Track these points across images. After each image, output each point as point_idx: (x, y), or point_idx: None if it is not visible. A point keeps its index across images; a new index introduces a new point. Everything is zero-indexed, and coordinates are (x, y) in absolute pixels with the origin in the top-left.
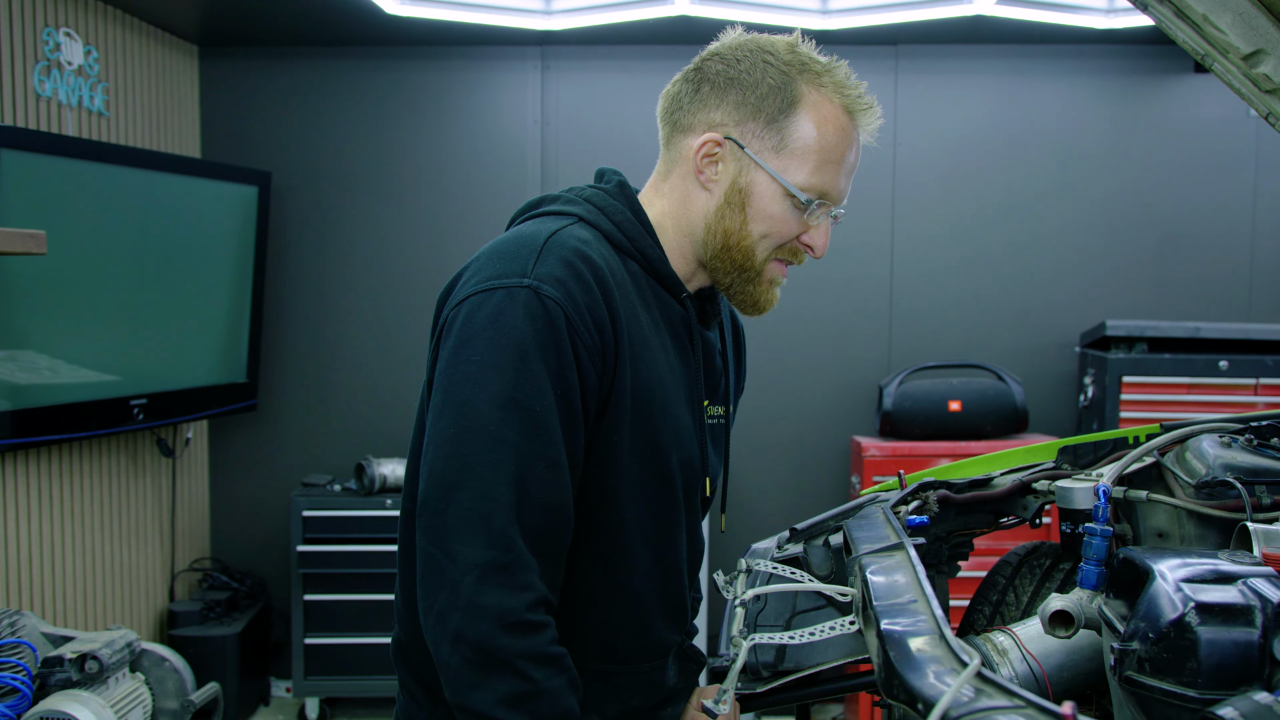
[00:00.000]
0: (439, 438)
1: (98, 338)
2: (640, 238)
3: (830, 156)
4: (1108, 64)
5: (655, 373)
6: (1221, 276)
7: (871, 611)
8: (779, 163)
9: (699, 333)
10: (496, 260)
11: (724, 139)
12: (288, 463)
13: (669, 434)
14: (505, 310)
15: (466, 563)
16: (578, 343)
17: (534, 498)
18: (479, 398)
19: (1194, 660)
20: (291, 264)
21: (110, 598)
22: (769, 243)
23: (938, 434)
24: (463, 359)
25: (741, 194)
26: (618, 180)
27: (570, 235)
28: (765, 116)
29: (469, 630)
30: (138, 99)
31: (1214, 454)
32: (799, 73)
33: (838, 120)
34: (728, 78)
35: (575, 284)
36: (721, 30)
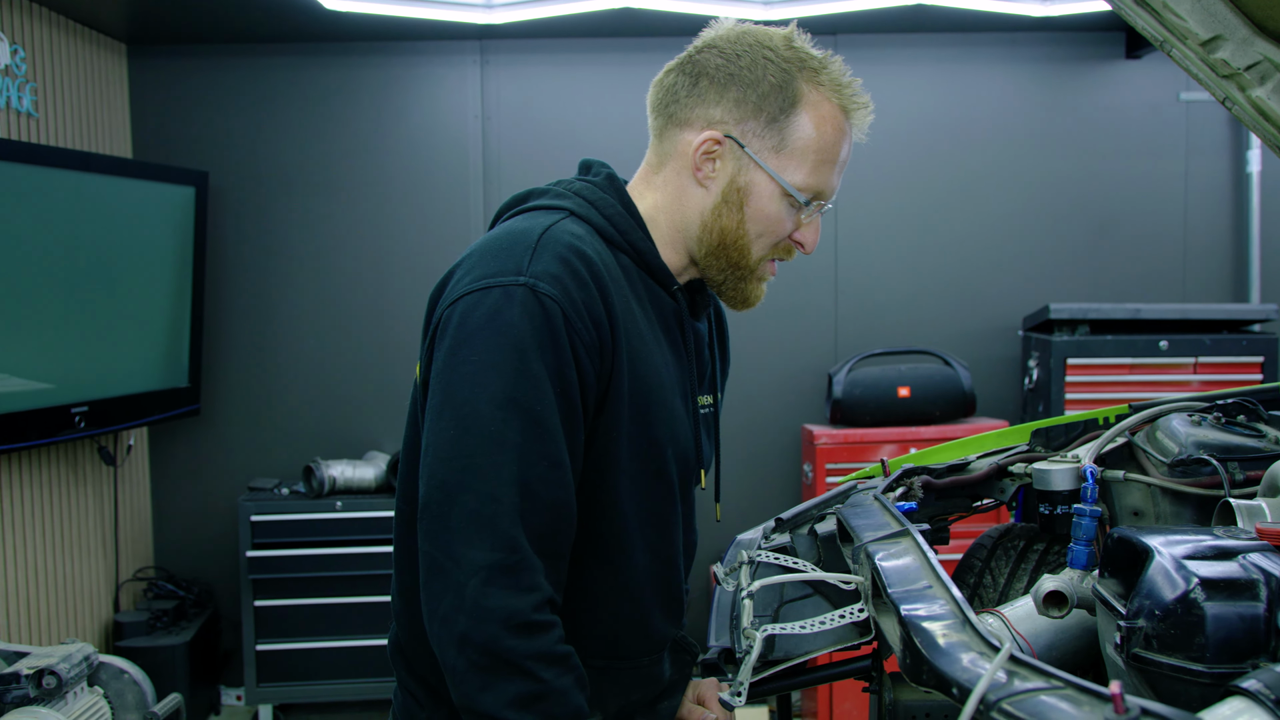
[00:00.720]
0: (439, 440)
1: (34, 345)
2: (631, 231)
3: (827, 156)
4: (1044, 51)
5: (651, 366)
6: (1158, 258)
7: (887, 598)
8: (778, 163)
9: (690, 325)
10: (490, 258)
11: (724, 137)
12: (233, 467)
13: (665, 427)
14: (502, 309)
15: (471, 565)
16: (576, 340)
17: (538, 498)
18: (479, 398)
19: (1201, 635)
20: (232, 265)
21: (54, 610)
22: (765, 241)
23: (888, 420)
24: (460, 359)
25: (740, 193)
26: (606, 173)
27: (563, 230)
28: (766, 116)
29: (475, 633)
30: (67, 99)
31: (1185, 432)
32: (799, 70)
33: (835, 120)
34: (728, 73)
35: (571, 280)
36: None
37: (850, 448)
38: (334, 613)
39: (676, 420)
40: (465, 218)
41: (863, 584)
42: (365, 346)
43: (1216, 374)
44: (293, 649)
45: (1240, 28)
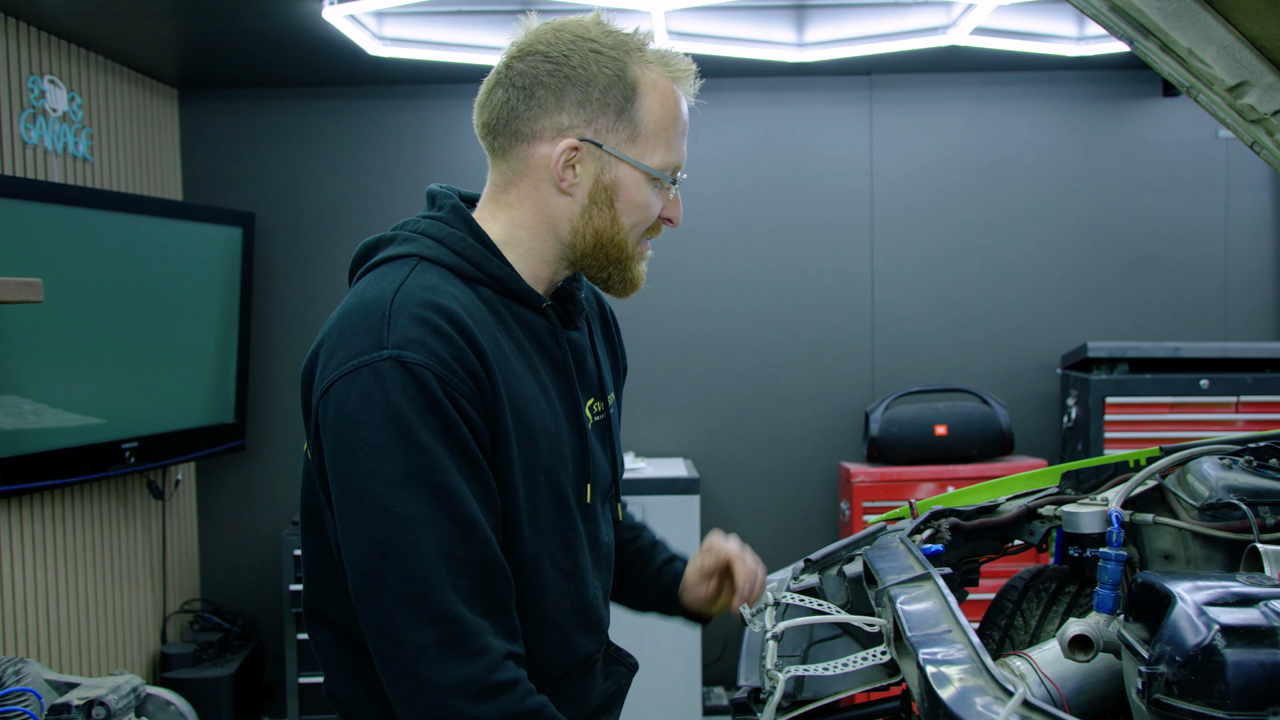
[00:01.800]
0: (350, 531)
1: (87, 382)
2: (486, 261)
3: (677, 130)
4: (1080, 90)
5: (529, 398)
6: (1198, 296)
7: (907, 642)
8: (637, 151)
9: (565, 339)
10: (349, 335)
11: (581, 141)
12: (277, 501)
13: (553, 454)
14: (373, 389)
15: (415, 646)
16: (456, 396)
17: (460, 562)
18: (376, 483)
19: (1222, 682)
20: (277, 303)
21: (104, 642)
22: (639, 229)
23: (925, 458)
24: (348, 448)
25: (608, 191)
26: (450, 204)
27: (415, 285)
28: (614, 109)
29: (439, 710)
30: (121, 143)
31: (1216, 476)
32: (626, 55)
33: (671, 92)
34: (562, 76)
35: (436, 339)
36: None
37: (887, 486)
38: None
39: (561, 440)
40: None
41: (886, 627)
42: None
43: (1259, 413)
44: None
45: (1266, 74)
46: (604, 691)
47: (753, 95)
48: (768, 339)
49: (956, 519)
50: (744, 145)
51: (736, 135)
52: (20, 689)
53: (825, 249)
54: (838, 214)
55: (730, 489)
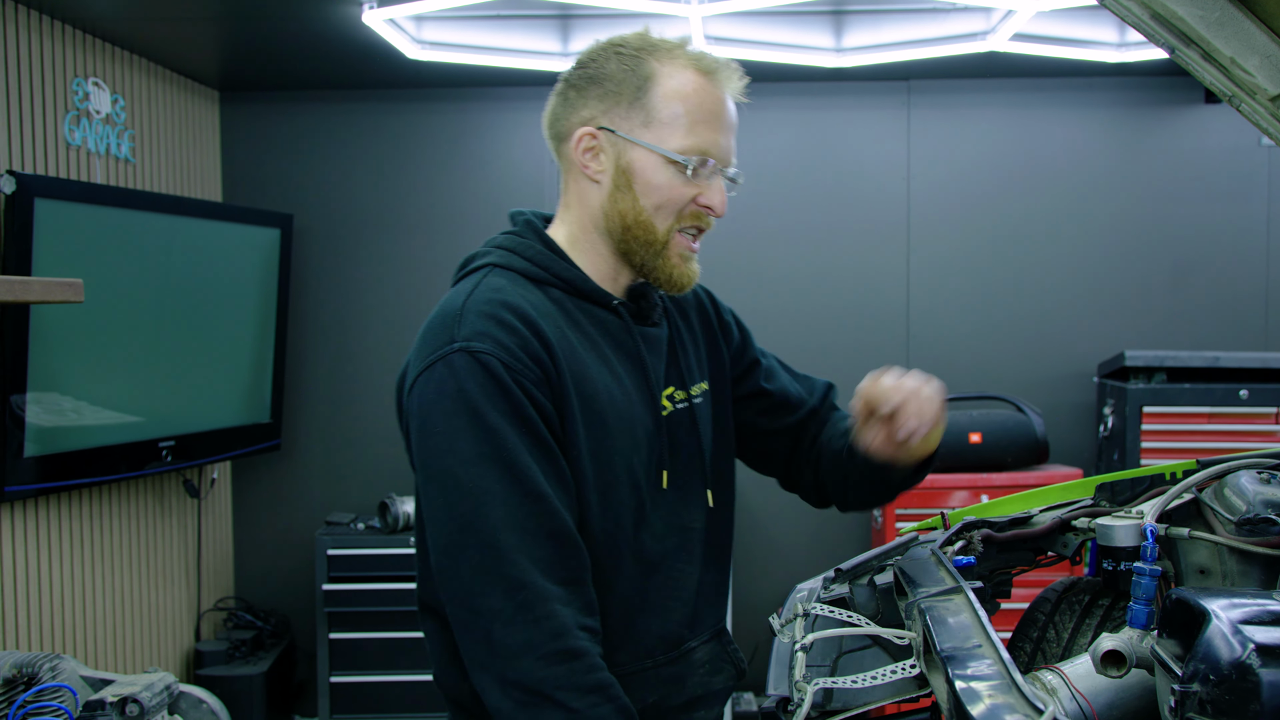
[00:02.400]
0: (431, 511)
1: (126, 381)
2: (554, 264)
3: (699, 116)
4: (1120, 96)
5: (596, 383)
6: (1238, 304)
7: (936, 656)
8: (652, 135)
9: (638, 334)
10: (428, 339)
11: (597, 129)
12: (311, 501)
13: (624, 435)
14: (446, 379)
15: (489, 612)
16: (522, 380)
17: (532, 533)
18: (453, 463)
19: (1257, 702)
20: (313, 304)
21: (139, 639)
22: (665, 212)
23: (959, 466)
24: (428, 435)
25: (626, 174)
26: (524, 219)
27: (484, 289)
28: (627, 99)
29: (509, 671)
30: (162, 145)
31: (1253, 490)
32: (649, 54)
33: (696, 82)
34: (587, 77)
35: (500, 330)
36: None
37: (920, 493)
38: (406, 647)
39: (637, 426)
40: None
41: (915, 640)
42: None
43: None
44: (366, 681)
45: None
46: (702, 685)
47: (791, 100)
48: (803, 342)
49: (989, 530)
50: (782, 149)
51: (775, 140)
52: (56, 685)
53: (861, 253)
54: (874, 218)
55: (762, 494)
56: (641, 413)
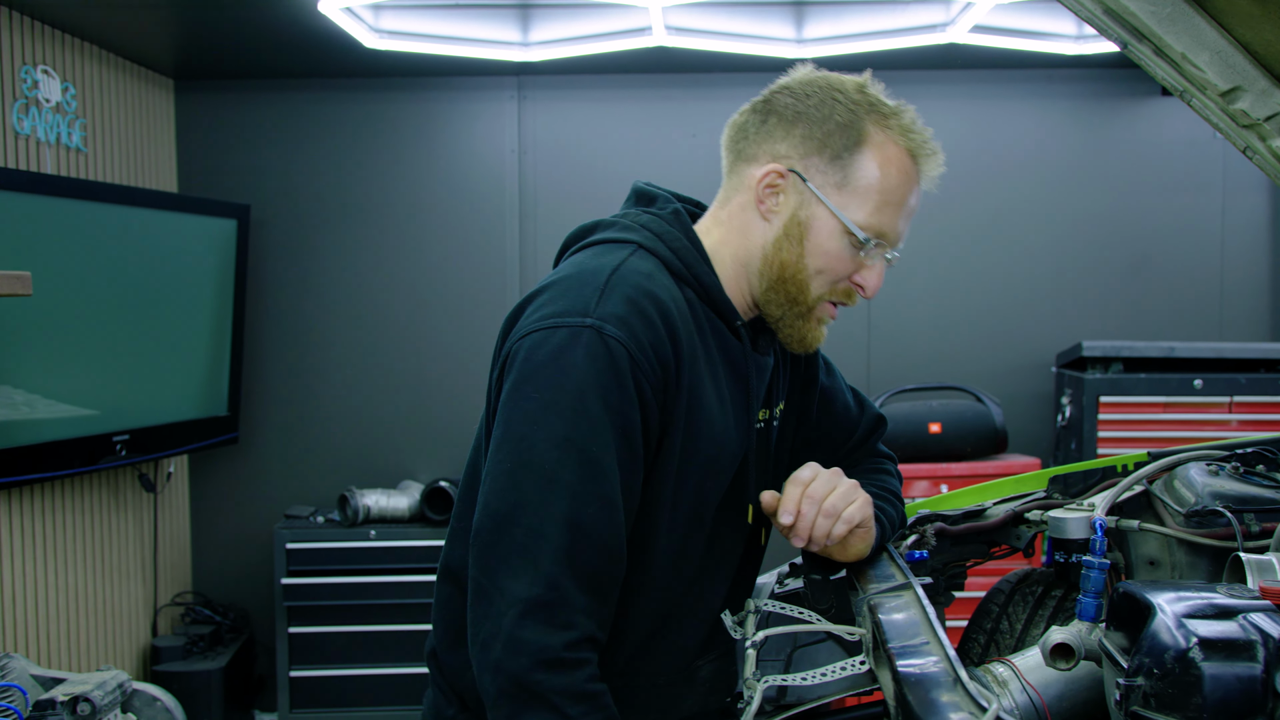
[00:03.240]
0: (496, 471)
1: (79, 374)
2: (696, 264)
3: (891, 198)
4: (1078, 88)
5: (705, 402)
6: (1193, 296)
7: (884, 652)
8: (840, 199)
9: (754, 360)
10: (561, 296)
11: (787, 170)
12: (270, 495)
13: (710, 461)
14: (566, 350)
15: (512, 597)
16: (642, 380)
17: (588, 537)
18: (536, 435)
19: (1199, 695)
20: (271, 296)
21: (94, 635)
22: (823, 279)
23: (919, 456)
24: (523, 395)
25: (801, 227)
26: (673, 208)
27: (632, 269)
28: (830, 152)
29: (508, 662)
30: (115, 134)
31: (1202, 482)
32: (867, 112)
33: (901, 163)
34: (796, 111)
35: (639, 321)
36: (792, 67)
37: None
38: (367, 640)
39: (724, 454)
40: (501, 250)
41: (865, 636)
42: (401, 377)
43: (1252, 414)
44: (326, 675)
45: (1259, 79)
46: (699, 704)
47: (750, 91)
48: None
49: (943, 524)
50: None
51: None
52: (5, 684)
53: None
54: None
55: None
56: (733, 440)
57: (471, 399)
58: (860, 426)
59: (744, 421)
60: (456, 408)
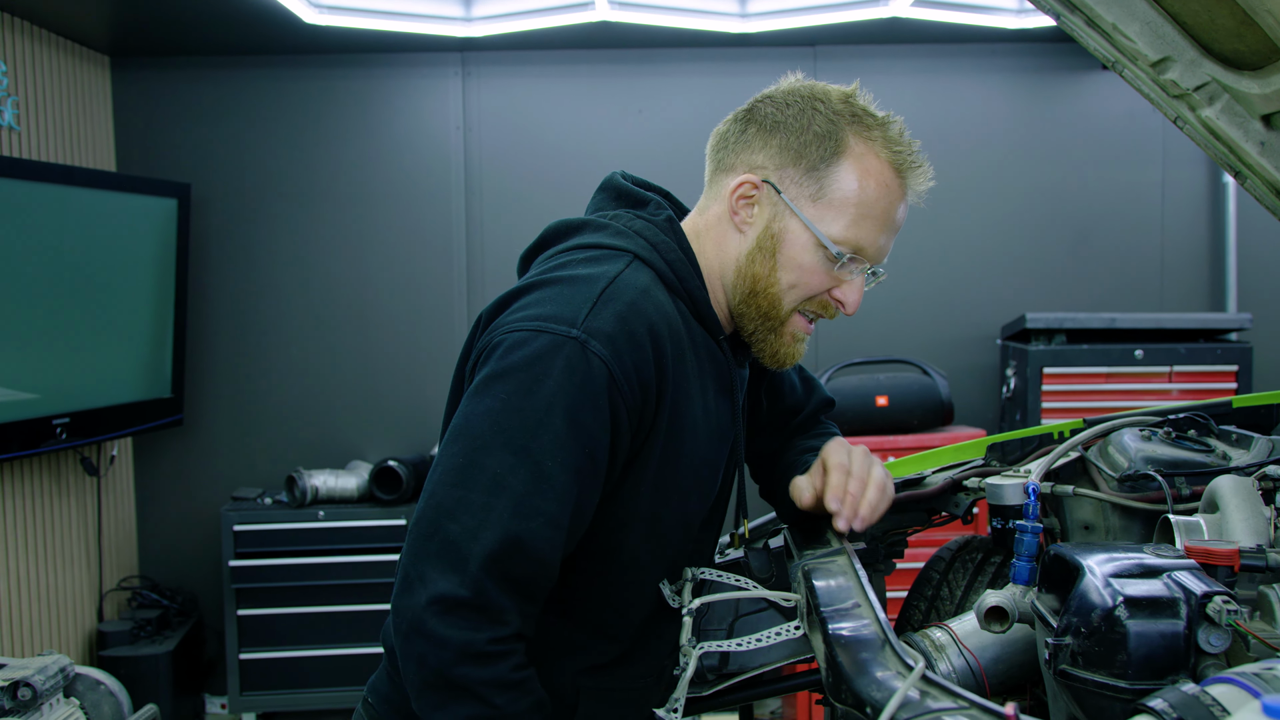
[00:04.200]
0: (447, 463)
1: (15, 356)
2: (690, 279)
3: (869, 212)
4: (1019, 62)
5: (688, 420)
6: (1135, 267)
7: (817, 616)
8: (814, 212)
9: (738, 374)
10: (551, 300)
11: (761, 181)
12: (216, 477)
13: (692, 477)
14: (545, 357)
15: (435, 592)
16: (618, 401)
17: (522, 549)
18: (494, 438)
19: (1124, 652)
20: (214, 276)
21: (37, 621)
22: (796, 293)
23: (866, 429)
24: (490, 392)
25: (774, 239)
26: (666, 215)
27: (629, 285)
28: (806, 163)
29: (430, 656)
30: (50, 113)
31: (1135, 447)
32: (849, 122)
33: (882, 176)
34: (775, 121)
35: (625, 342)
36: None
37: None
38: (317, 622)
39: (706, 467)
40: (447, 227)
41: (800, 601)
42: (348, 356)
43: (1192, 383)
44: (276, 658)
45: (1188, 49)
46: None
47: (695, 66)
48: None
49: None
50: (686, 118)
51: (678, 108)
52: None
53: None
54: None
55: None
56: (716, 455)
57: (419, 378)
58: (807, 408)
59: (729, 435)
60: (404, 387)
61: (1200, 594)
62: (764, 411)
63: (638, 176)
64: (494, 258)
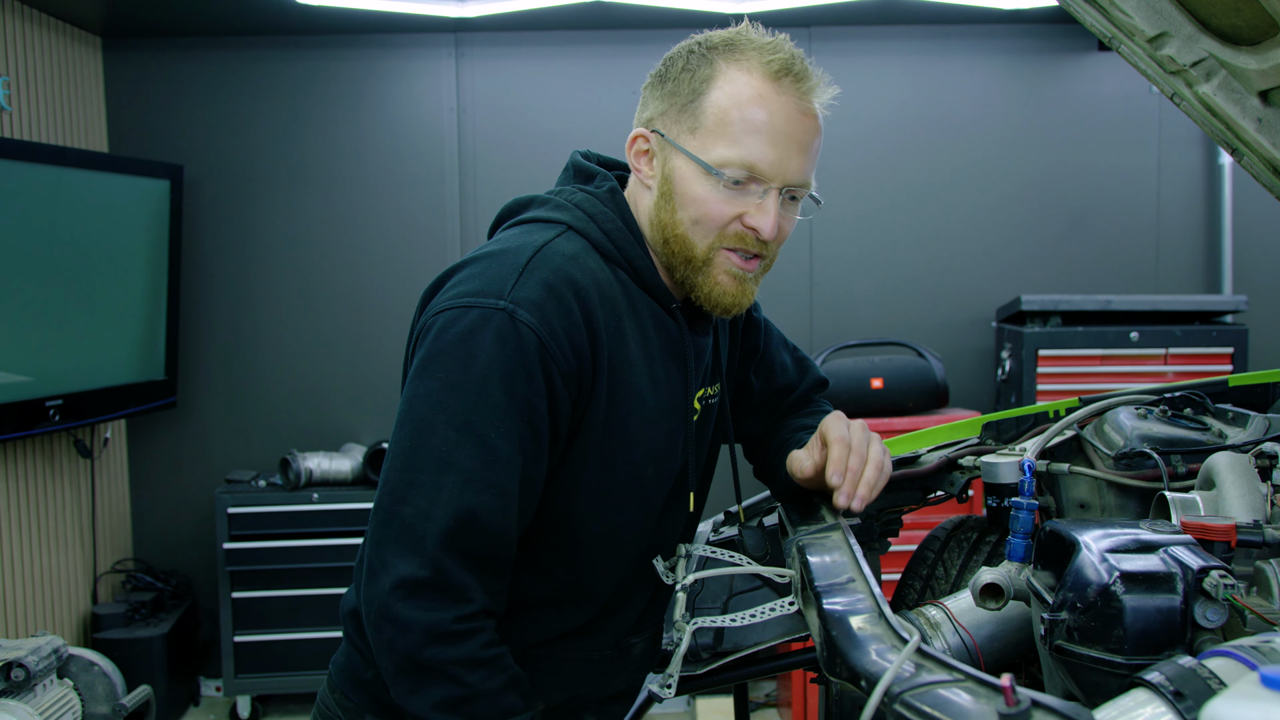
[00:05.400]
0: (395, 449)
1: (8, 338)
2: (630, 248)
3: (749, 127)
4: (1015, 43)
5: (632, 386)
6: (1130, 249)
7: (811, 592)
8: (695, 143)
9: (691, 341)
10: (478, 275)
11: (650, 133)
12: (210, 459)
13: (642, 446)
14: (476, 332)
15: (397, 576)
16: (551, 367)
17: (477, 523)
18: (436, 417)
19: (1120, 628)
20: (207, 257)
21: (31, 603)
22: (702, 228)
23: (861, 411)
24: (428, 374)
25: (668, 182)
26: (610, 186)
27: (555, 252)
28: (681, 100)
29: (400, 641)
30: (41, 93)
31: (1131, 426)
32: (721, 53)
33: (756, 87)
34: (659, 74)
35: (554, 307)
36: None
37: None
38: (311, 604)
39: (659, 438)
40: (441, 209)
41: (794, 578)
42: (342, 338)
43: (1187, 365)
44: (270, 640)
45: (1185, 25)
46: (628, 681)
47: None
48: None
49: None
50: None
51: None
52: None
53: None
54: None
55: None
56: (669, 423)
57: None
58: (799, 388)
59: (681, 404)
60: (398, 369)
61: (1197, 569)
62: (755, 391)
63: (602, 155)
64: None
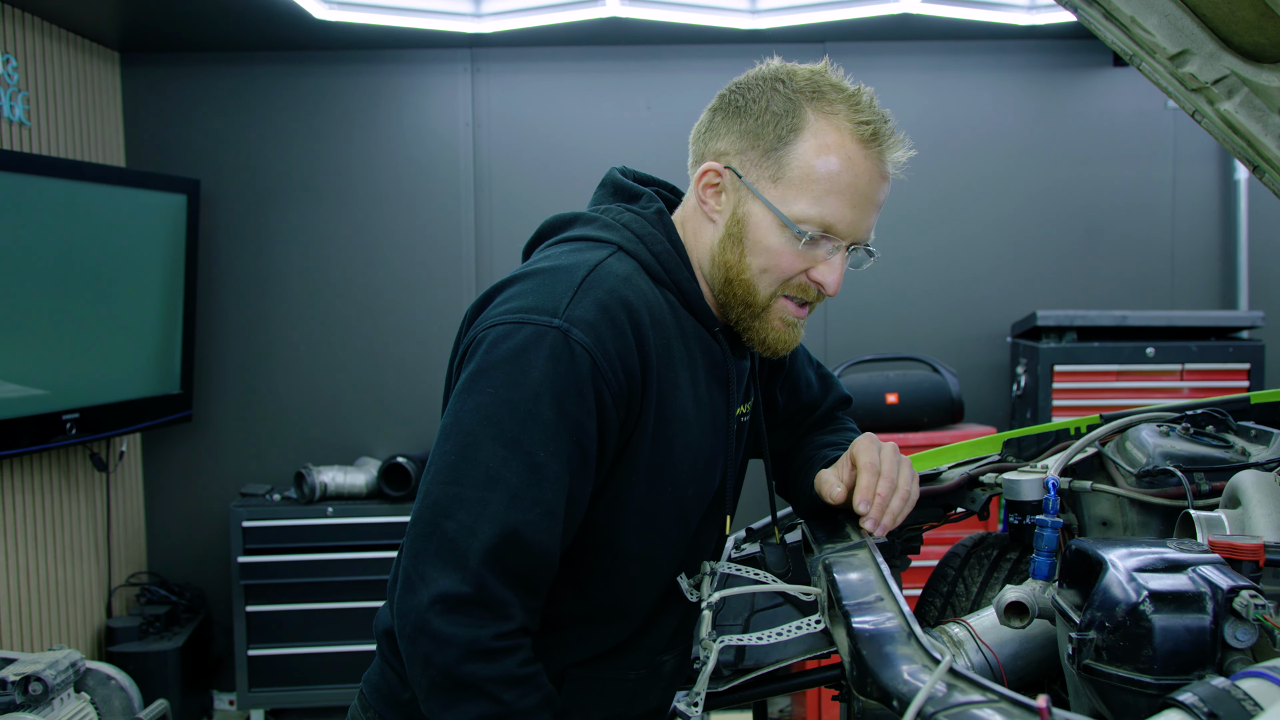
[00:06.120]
0: (440, 462)
1: (27, 352)
2: (678, 270)
3: (833, 187)
4: (1030, 59)
5: (678, 410)
6: (1146, 264)
7: (839, 610)
8: (776, 193)
9: (735, 365)
10: (533, 291)
11: (724, 168)
12: (225, 473)
13: (687, 469)
14: (530, 349)
15: (437, 591)
16: (603, 388)
17: (522, 542)
18: (485, 432)
19: (1149, 647)
20: (223, 272)
21: (46, 617)
22: (769, 277)
23: (876, 426)
24: (477, 388)
25: (740, 225)
26: (656, 207)
27: (609, 272)
28: (765, 144)
29: (435, 656)
30: (60, 108)
31: (1153, 443)
32: (809, 100)
33: (844, 148)
34: (737, 106)
35: (608, 329)
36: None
37: None
38: (325, 618)
39: (700, 460)
40: (456, 224)
41: (820, 595)
42: (357, 353)
43: (1203, 380)
44: (284, 654)
45: (1207, 42)
46: (660, 699)
47: (704, 63)
48: None
49: None
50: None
51: (687, 104)
52: None
53: None
54: None
55: None
56: (711, 446)
57: (428, 375)
58: (823, 405)
59: (723, 427)
60: (413, 384)
61: (1226, 588)
62: (780, 408)
63: (638, 171)
64: (503, 255)
